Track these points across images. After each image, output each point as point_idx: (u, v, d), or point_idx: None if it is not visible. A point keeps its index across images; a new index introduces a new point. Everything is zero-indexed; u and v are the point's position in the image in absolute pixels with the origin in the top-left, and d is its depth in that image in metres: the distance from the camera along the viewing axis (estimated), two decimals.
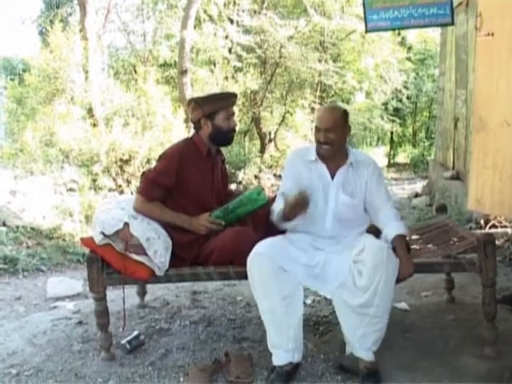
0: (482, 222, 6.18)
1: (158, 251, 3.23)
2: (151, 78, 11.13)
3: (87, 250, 3.35)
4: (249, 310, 4.14)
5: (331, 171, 3.25)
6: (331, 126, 3.15)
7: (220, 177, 3.65)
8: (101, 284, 3.23)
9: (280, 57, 13.88)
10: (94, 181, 8.55)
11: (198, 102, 3.51)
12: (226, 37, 13.32)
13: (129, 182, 8.93)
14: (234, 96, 3.63)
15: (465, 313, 3.84)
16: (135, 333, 3.54)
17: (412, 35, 18.36)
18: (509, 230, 5.92)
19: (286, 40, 13.35)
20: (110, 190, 8.64)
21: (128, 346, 3.41)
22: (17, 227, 6.66)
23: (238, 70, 13.61)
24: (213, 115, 3.47)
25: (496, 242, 3.29)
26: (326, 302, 4.21)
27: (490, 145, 4.62)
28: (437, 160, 9.96)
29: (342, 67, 15.23)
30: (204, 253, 3.37)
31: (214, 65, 13.52)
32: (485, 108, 4.70)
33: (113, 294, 4.22)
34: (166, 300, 4.43)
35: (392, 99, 17.56)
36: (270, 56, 14.19)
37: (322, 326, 3.73)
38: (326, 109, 3.36)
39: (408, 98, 17.93)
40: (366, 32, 5.73)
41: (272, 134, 15.09)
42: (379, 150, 21.57)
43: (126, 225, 3.24)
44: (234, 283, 4.74)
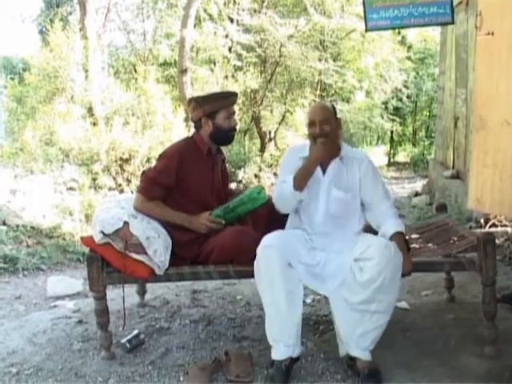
0: (481, 221, 6.19)
1: (158, 250, 3.23)
2: (151, 77, 11.13)
3: (87, 249, 3.35)
4: (249, 309, 4.14)
5: (322, 167, 3.24)
6: (325, 118, 3.18)
7: (220, 176, 3.64)
8: (101, 283, 3.23)
9: (280, 56, 13.87)
10: (94, 180, 8.55)
11: (198, 101, 3.51)
12: (226, 36, 13.31)
13: (129, 181, 8.93)
14: (235, 95, 3.63)
15: (465, 312, 3.85)
16: (135, 332, 3.54)
17: (412, 34, 18.35)
18: (509, 229, 5.93)
19: (286, 39, 13.33)
20: (110, 189, 8.64)
21: (128, 345, 3.41)
22: (17, 226, 6.66)
23: (238, 68, 13.61)
24: (213, 114, 3.46)
25: (496, 241, 3.29)
26: (325, 301, 4.19)
27: (490, 144, 4.62)
28: (437, 159, 9.96)
29: (342, 66, 15.22)
30: (204, 252, 3.37)
31: (214, 64, 13.51)
32: (485, 107, 4.70)
33: (113, 293, 4.22)
34: (165, 299, 4.43)
35: (392, 98, 17.54)
36: (270, 55, 14.18)
37: (321, 325, 3.73)
38: (316, 104, 3.50)
39: (408, 97, 17.92)
40: (366, 31, 5.72)
41: (272, 133, 15.08)
42: (379, 149, 21.57)
43: (125, 224, 3.24)
44: (233, 282, 4.74)
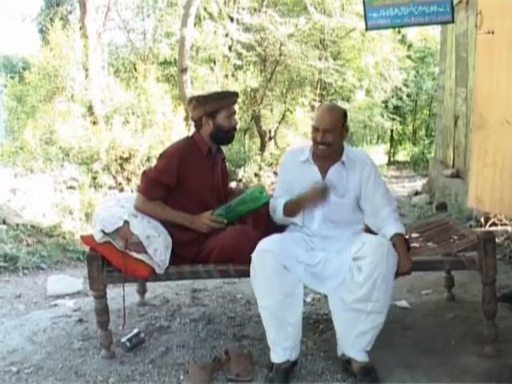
0: (482, 219, 6.19)
1: (158, 249, 3.23)
2: (151, 75, 11.14)
3: (87, 248, 3.35)
4: (249, 308, 4.15)
5: (322, 171, 3.22)
6: (330, 127, 3.10)
7: (220, 175, 3.64)
8: (101, 282, 3.23)
9: (280, 55, 13.87)
10: (94, 179, 8.56)
11: (199, 101, 3.50)
12: (226, 35, 13.30)
13: (129, 180, 8.93)
14: (236, 95, 3.62)
15: (465, 311, 3.85)
16: (135, 331, 3.54)
17: (412, 33, 18.34)
18: (509, 228, 5.93)
19: (286, 38, 13.33)
20: (110, 187, 8.65)
21: (128, 344, 3.41)
22: (17, 225, 6.67)
23: (238, 67, 13.61)
24: (214, 114, 3.46)
25: (496, 239, 3.29)
26: (325, 299, 4.17)
27: (490, 143, 4.62)
28: (437, 158, 9.96)
29: (342, 65, 15.22)
30: (204, 251, 3.37)
31: (214, 63, 13.51)
32: (485, 106, 4.70)
33: (113, 292, 4.22)
34: (166, 298, 4.43)
35: (392, 97, 17.55)
36: (270, 54, 14.18)
37: (321, 324, 3.73)
38: (325, 109, 3.27)
39: (408, 95, 17.93)
40: (366, 30, 5.72)
41: (272, 132, 15.08)
42: (379, 148, 21.58)
43: (126, 223, 3.24)
44: (233, 281, 4.74)
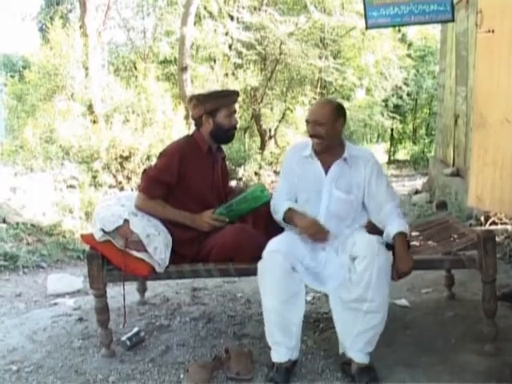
0: (482, 218, 6.18)
1: (158, 248, 3.23)
2: (151, 74, 11.15)
3: (87, 247, 3.36)
4: (249, 307, 4.15)
5: (325, 167, 3.23)
6: (319, 120, 3.14)
7: (220, 174, 3.64)
8: (101, 281, 3.23)
9: (280, 53, 13.87)
10: (94, 177, 8.56)
11: (199, 99, 3.50)
12: (226, 33, 13.30)
13: (129, 179, 8.94)
14: (236, 94, 3.61)
15: (465, 309, 3.85)
16: (135, 329, 3.54)
17: (412, 32, 18.32)
18: (509, 227, 5.93)
19: (287, 37, 13.33)
20: (110, 186, 8.66)
21: (128, 343, 3.41)
22: (17, 224, 6.67)
23: (238, 66, 13.61)
24: (214, 112, 3.45)
25: (496, 238, 3.30)
26: (325, 298, 4.18)
27: (490, 142, 4.62)
28: (437, 157, 9.96)
29: (343, 64, 15.21)
30: (204, 250, 3.37)
31: (214, 61, 13.51)
32: (485, 105, 4.70)
33: (113, 291, 4.23)
34: (166, 297, 4.43)
35: (392, 96, 17.54)
36: (270, 53, 14.18)
37: (322, 323, 3.73)
38: (317, 102, 3.38)
39: (408, 94, 17.91)
40: (366, 29, 5.73)
41: (272, 131, 15.09)
42: (379, 147, 21.55)
43: (126, 221, 3.24)
44: (233, 280, 4.74)
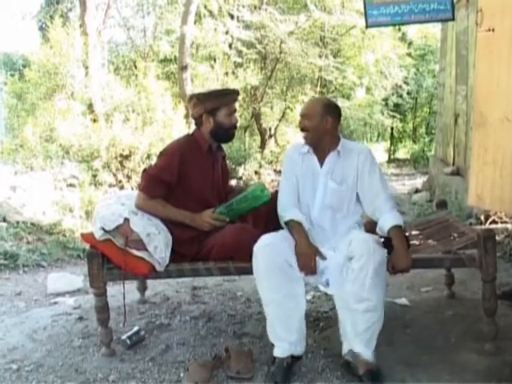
0: (482, 217, 6.19)
1: (159, 247, 3.23)
2: (151, 73, 11.13)
3: (87, 246, 3.36)
4: (249, 306, 4.15)
5: (320, 160, 3.30)
6: (306, 113, 3.29)
7: (220, 173, 3.64)
8: (101, 279, 3.23)
9: (280, 52, 13.86)
10: (94, 176, 8.56)
11: (199, 98, 3.50)
12: (227, 32, 13.29)
13: (129, 178, 8.93)
14: (236, 93, 3.62)
15: (465, 308, 3.85)
16: (135, 328, 3.54)
17: (412, 31, 18.34)
18: (509, 226, 5.93)
19: (287, 35, 13.32)
20: (111, 185, 8.65)
21: (128, 342, 3.42)
22: (17, 223, 6.67)
23: (238, 65, 13.60)
24: (214, 111, 3.46)
25: (496, 237, 3.29)
26: (326, 297, 4.22)
27: (491, 141, 4.62)
28: (437, 156, 9.96)
29: (343, 63, 15.20)
30: (204, 249, 3.37)
31: (215, 60, 13.50)
32: (485, 104, 4.69)
33: (113, 290, 4.23)
34: (166, 295, 4.44)
35: (392, 95, 17.54)
36: (270, 51, 14.17)
37: (322, 322, 3.74)
38: (310, 98, 3.47)
39: (408, 93, 17.91)
40: (366, 27, 5.73)
41: (272, 130, 15.09)
42: (379, 146, 21.57)
43: (126, 220, 3.24)
44: (234, 279, 4.75)
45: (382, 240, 3.09)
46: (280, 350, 3.01)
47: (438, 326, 3.58)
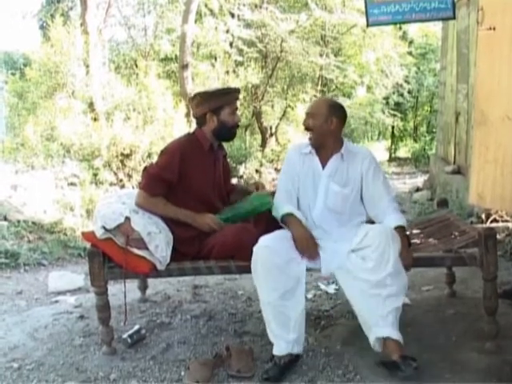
0: (483, 216, 6.18)
1: (160, 245, 3.23)
2: (152, 72, 11.11)
3: (88, 245, 3.37)
4: (250, 304, 4.15)
5: (323, 162, 3.31)
6: (311, 112, 3.32)
7: (222, 172, 3.64)
8: (102, 278, 3.23)
9: (281, 51, 13.83)
10: (95, 175, 8.55)
11: (203, 97, 3.51)
12: (227, 31, 13.26)
13: (130, 177, 8.93)
14: (238, 91, 3.65)
15: (466, 307, 3.85)
16: (136, 327, 3.55)
17: (413, 29, 18.29)
18: (510, 225, 5.92)
19: (287, 34, 13.29)
20: (111, 184, 8.64)
21: (129, 340, 3.42)
22: (18, 221, 6.67)
23: (239, 64, 13.57)
24: (218, 110, 3.47)
25: (497, 236, 3.30)
26: (327, 296, 4.23)
27: (492, 139, 4.61)
28: (438, 154, 9.96)
29: (343, 61, 15.18)
30: (205, 249, 3.38)
31: (215, 59, 13.47)
32: (486, 102, 4.69)
33: (114, 288, 4.23)
34: (167, 294, 4.44)
35: (393, 93, 17.49)
36: (271, 50, 14.14)
37: (323, 321, 3.74)
38: (317, 98, 3.52)
39: (409, 92, 17.86)
40: (367, 26, 5.73)
41: (273, 129, 15.05)
42: (380, 145, 21.52)
43: (127, 219, 3.24)
44: (235, 277, 4.75)
45: None
46: (278, 349, 3.03)
47: (439, 325, 3.59)
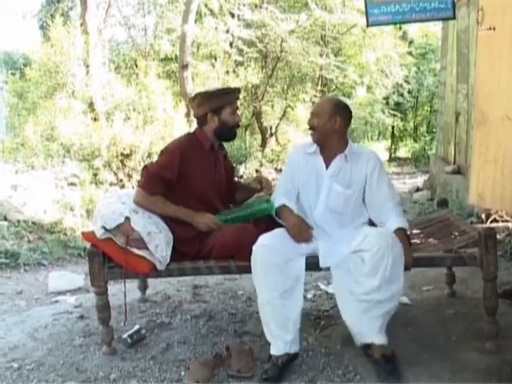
0: (483, 216, 6.18)
1: (159, 245, 3.23)
2: (152, 72, 11.12)
3: (88, 245, 3.36)
4: (250, 304, 4.15)
5: (327, 162, 3.29)
6: (315, 111, 3.30)
7: (222, 172, 3.64)
8: (102, 278, 3.23)
9: (281, 51, 13.84)
10: (95, 175, 8.56)
11: (204, 97, 3.51)
12: (227, 31, 13.26)
13: (130, 177, 8.93)
14: (238, 91, 3.65)
15: (466, 307, 3.85)
16: (136, 327, 3.55)
17: (413, 29, 18.29)
18: (510, 225, 5.92)
19: (287, 34, 13.30)
20: (111, 184, 8.65)
21: (129, 340, 3.42)
22: (18, 221, 6.67)
23: (239, 64, 13.57)
24: (219, 110, 3.46)
25: (497, 236, 3.29)
26: (327, 296, 4.22)
27: (492, 139, 4.61)
28: (438, 154, 9.96)
29: (343, 61, 15.18)
30: (205, 249, 3.37)
31: (215, 59, 13.48)
32: (486, 102, 4.69)
33: (114, 288, 4.23)
34: (167, 294, 4.44)
35: (393, 93, 17.49)
36: (271, 50, 14.15)
37: (322, 320, 3.74)
38: (323, 97, 3.50)
39: (409, 92, 17.85)
40: (367, 26, 5.73)
41: (273, 129, 15.06)
42: (380, 145, 21.51)
43: (127, 219, 3.24)
44: (235, 277, 4.75)
45: None
46: (276, 349, 3.03)
47: (439, 325, 3.58)
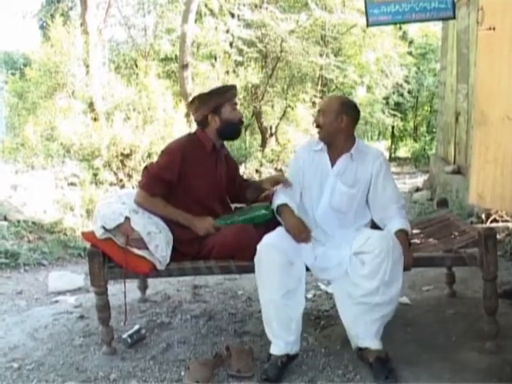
0: (483, 216, 6.18)
1: (159, 245, 3.23)
2: (152, 72, 11.12)
3: (88, 245, 3.36)
4: (250, 304, 4.15)
5: (332, 160, 3.28)
6: (322, 109, 3.28)
7: (223, 173, 3.60)
8: (102, 278, 3.23)
9: (281, 51, 13.84)
10: (95, 175, 8.56)
11: (201, 100, 3.50)
12: (227, 31, 13.26)
13: (130, 177, 8.93)
14: (234, 88, 3.63)
15: (466, 307, 3.85)
16: (136, 327, 3.54)
17: (413, 29, 18.30)
18: (510, 225, 5.92)
19: (287, 34, 13.30)
20: (111, 184, 8.65)
21: (129, 340, 3.42)
22: (18, 221, 6.67)
23: (239, 64, 13.57)
24: (219, 109, 3.46)
25: (497, 236, 3.29)
26: (326, 296, 4.22)
27: (492, 139, 4.62)
28: (438, 154, 9.96)
29: (343, 61, 15.17)
30: (205, 249, 3.37)
31: (215, 59, 13.48)
32: (486, 102, 4.69)
33: (114, 288, 4.23)
34: (167, 294, 4.44)
35: (393, 93, 17.49)
36: (271, 50, 14.15)
37: (323, 320, 3.74)
38: (330, 95, 3.47)
39: (409, 92, 17.86)
40: (367, 26, 5.73)
41: (273, 129, 15.05)
42: (380, 145, 21.49)
43: (127, 219, 3.24)
44: (235, 277, 4.75)
45: None
46: (277, 348, 3.02)
47: (439, 325, 3.58)
